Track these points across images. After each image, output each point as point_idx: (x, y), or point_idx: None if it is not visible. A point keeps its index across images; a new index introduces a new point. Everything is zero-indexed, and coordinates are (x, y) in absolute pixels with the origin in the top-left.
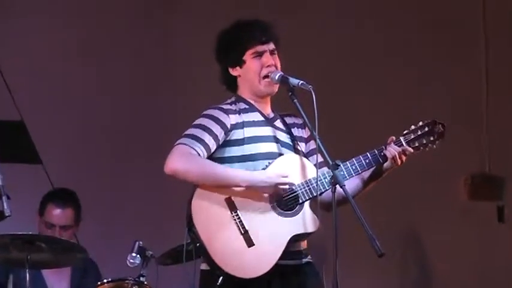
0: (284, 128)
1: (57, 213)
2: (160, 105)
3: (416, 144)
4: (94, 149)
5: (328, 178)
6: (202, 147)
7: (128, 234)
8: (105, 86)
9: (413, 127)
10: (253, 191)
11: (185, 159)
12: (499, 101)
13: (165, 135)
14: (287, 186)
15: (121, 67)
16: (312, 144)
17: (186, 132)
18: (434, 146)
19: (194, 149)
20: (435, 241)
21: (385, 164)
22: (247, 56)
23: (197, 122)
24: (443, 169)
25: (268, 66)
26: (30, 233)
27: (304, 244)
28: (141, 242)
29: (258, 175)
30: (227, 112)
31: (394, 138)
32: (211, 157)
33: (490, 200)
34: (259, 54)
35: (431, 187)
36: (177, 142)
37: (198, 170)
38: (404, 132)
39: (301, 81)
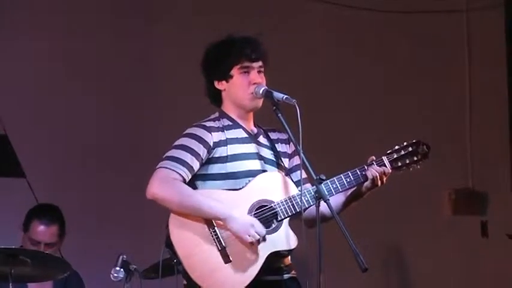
0: (268, 144)
1: (42, 231)
2: (143, 119)
3: (399, 164)
4: (78, 162)
5: (312, 194)
6: (185, 170)
7: (111, 248)
8: (89, 100)
9: (397, 147)
10: (232, 206)
11: (166, 186)
12: (482, 117)
13: (149, 149)
14: (254, 240)
15: (105, 81)
16: (296, 160)
17: (168, 154)
18: (418, 167)
19: (176, 172)
20: (419, 256)
21: (366, 184)
22: (235, 70)
23: (179, 142)
24: (427, 184)
25: (255, 83)
26: (14, 247)
27: (287, 260)
28: (125, 256)
29: (235, 218)
30: (210, 130)
31: (374, 158)
32: (194, 174)
33: (473, 215)
34: (247, 71)
35: (415, 201)
36: (159, 165)
37: (176, 200)
38: (388, 151)
39: (285, 96)
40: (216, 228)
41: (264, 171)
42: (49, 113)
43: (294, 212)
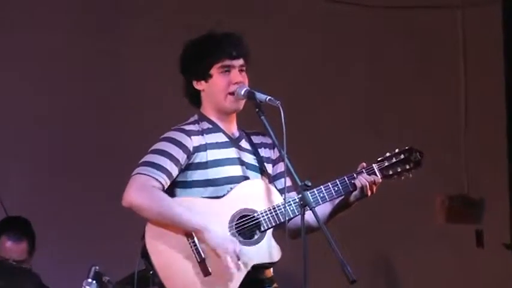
0: (250, 149)
1: (11, 247)
2: (117, 122)
3: (390, 173)
4: (48, 173)
5: (297, 203)
6: (163, 176)
7: (83, 259)
8: (56, 108)
9: (388, 154)
10: (212, 216)
11: (143, 194)
12: (478, 118)
13: (122, 157)
14: (230, 260)
15: (73, 86)
16: (281, 166)
17: (145, 159)
18: (410, 175)
19: (155, 179)
20: (410, 267)
21: (354, 193)
22: (215, 70)
23: (157, 146)
24: (419, 190)
25: (236, 83)
26: None
27: (268, 272)
28: (97, 267)
29: (218, 232)
30: (189, 134)
31: (365, 164)
32: (173, 181)
33: (468, 224)
34: (227, 70)
35: (405, 209)
36: (136, 171)
37: (154, 209)
38: (378, 159)
39: (269, 97)
40: (195, 239)
41: (246, 177)
42: (16, 122)
43: (277, 222)
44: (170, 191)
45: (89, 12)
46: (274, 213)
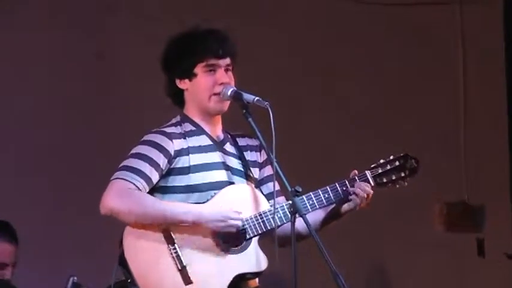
0: (235, 152)
1: None
2: (98, 130)
3: (384, 180)
4: (27, 180)
5: (285, 210)
6: (142, 181)
7: (61, 269)
8: (41, 114)
9: (382, 161)
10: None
11: (123, 198)
12: (478, 120)
13: (102, 163)
14: (240, 223)
15: (57, 87)
16: (268, 170)
17: (124, 164)
18: (406, 183)
19: (133, 184)
20: (406, 277)
21: (347, 205)
22: (199, 68)
23: (136, 150)
24: (417, 196)
25: (222, 83)
26: None
27: (253, 283)
28: (75, 278)
29: (210, 210)
30: (170, 137)
31: (357, 172)
32: (153, 187)
33: (468, 232)
34: (213, 69)
35: (402, 216)
36: (114, 176)
37: (139, 212)
38: (372, 166)
39: (257, 97)
40: (176, 245)
41: (231, 183)
42: None
43: (264, 230)
44: None
45: (74, 9)
46: (260, 220)
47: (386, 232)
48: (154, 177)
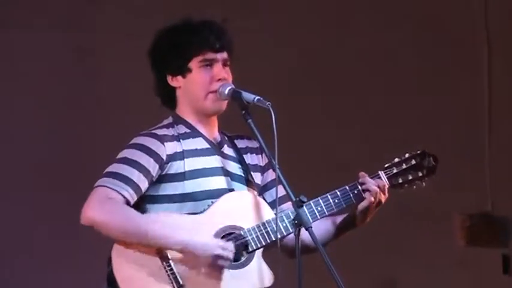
0: (234, 156)
1: None
2: (80, 133)
3: (400, 181)
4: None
5: (290, 219)
6: (130, 190)
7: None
8: (20, 114)
9: (397, 159)
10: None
11: (105, 209)
12: (504, 122)
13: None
14: (231, 256)
15: (39, 84)
16: (271, 174)
17: (109, 170)
18: (424, 184)
19: (118, 192)
20: None
21: (360, 205)
22: (194, 63)
23: (123, 154)
24: (435, 207)
25: (219, 80)
26: None
27: None
28: None
29: (196, 240)
30: (162, 139)
31: (365, 174)
32: (142, 196)
33: (493, 247)
34: (209, 64)
35: (421, 229)
36: (97, 183)
37: (120, 226)
38: (386, 165)
39: (257, 97)
40: (171, 261)
41: (231, 190)
42: None
43: (268, 242)
44: (138, 208)
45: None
46: (264, 231)
47: (400, 247)
48: (143, 184)
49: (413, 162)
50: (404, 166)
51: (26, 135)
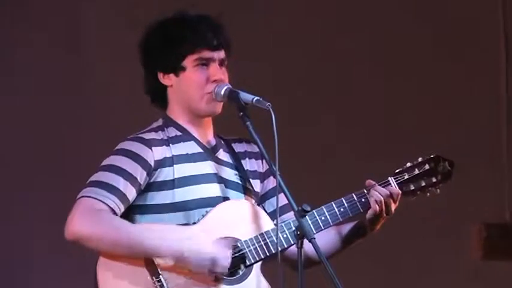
0: (231, 161)
1: None
2: (64, 138)
3: (412, 188)
4: None
5: (292, 230)
6: (115, 199)
7: None
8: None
9: (409, 164)
10: None
11: (91, 221)
12: None
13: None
14: (228, 264)
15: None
16: (272, 181)
17: (93, 178)
18: (438, 191)
19: (104, 203)
20: None
21: (368, 214)
22: (189, 62)
23: (108, 161)
24: (449, 216)
25: (215, 80)
26: None
27: None
28: None
29: (192, 254)
30: (149, 144)
31: (372, 182)
32: (130, 206)
33: (510, 260)
34: (205, 63)
35: (433, 240)
36: (81, 194)
37: (109, 238)
38: (396, 171)
39: (257, 98)
40: (161, 276)
41: (226, 198)
42: None
43: (267, 254)
44: (126, 219)
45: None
46: (263, 243)
47: (411, 260)
48: (131, 193)
49: (426, 167)
50: (416, 171)
51: (12, 134)
